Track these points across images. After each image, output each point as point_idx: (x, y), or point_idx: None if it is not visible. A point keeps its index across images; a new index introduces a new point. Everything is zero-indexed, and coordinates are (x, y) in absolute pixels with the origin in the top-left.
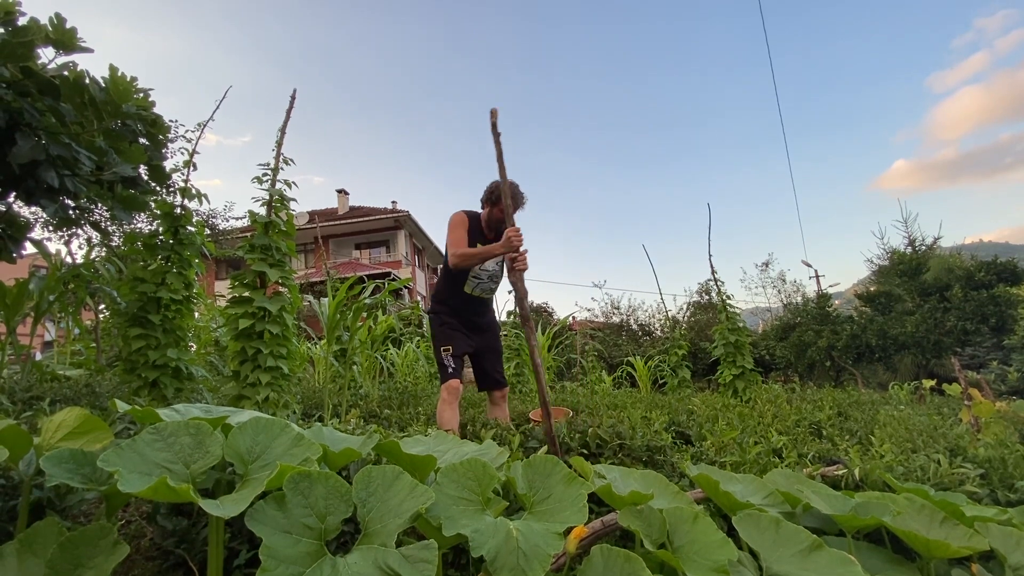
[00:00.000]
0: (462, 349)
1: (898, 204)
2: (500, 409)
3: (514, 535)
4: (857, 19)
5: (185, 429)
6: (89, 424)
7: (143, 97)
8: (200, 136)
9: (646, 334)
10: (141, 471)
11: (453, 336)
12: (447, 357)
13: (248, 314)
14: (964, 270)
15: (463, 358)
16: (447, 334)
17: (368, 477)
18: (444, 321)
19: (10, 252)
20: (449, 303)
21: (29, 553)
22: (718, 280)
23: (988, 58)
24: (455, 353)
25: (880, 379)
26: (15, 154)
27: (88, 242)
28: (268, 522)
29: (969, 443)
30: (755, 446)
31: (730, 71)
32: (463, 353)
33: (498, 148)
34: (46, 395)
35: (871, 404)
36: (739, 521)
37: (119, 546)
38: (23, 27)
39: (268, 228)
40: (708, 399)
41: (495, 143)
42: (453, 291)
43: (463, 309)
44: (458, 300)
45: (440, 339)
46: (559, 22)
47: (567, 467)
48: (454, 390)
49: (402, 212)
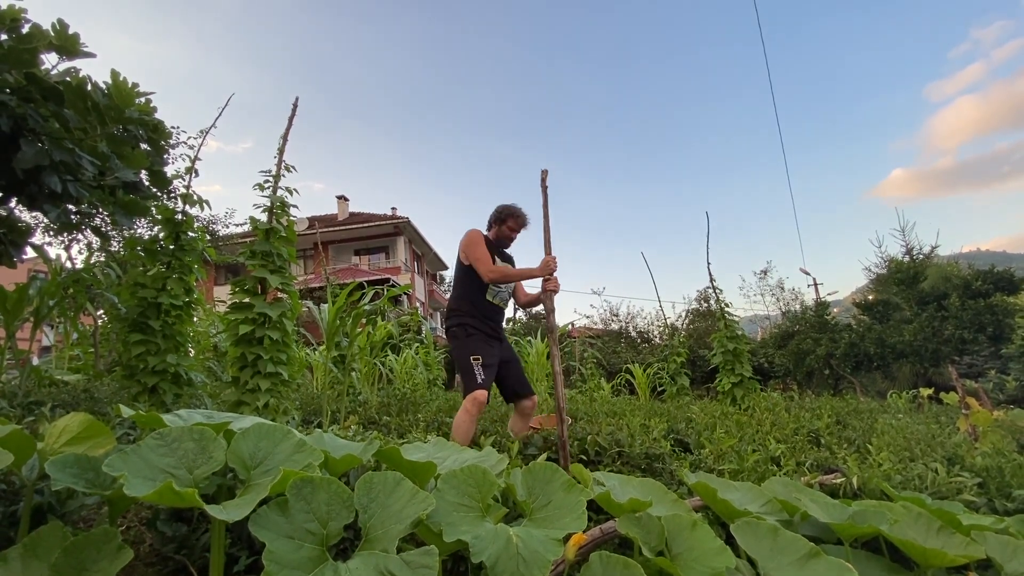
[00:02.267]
0: (491, 360)
1: (896, 213)
2: (525, 421)
3: (514, 541)
4: (855, 31)
5: (189, 434)
6: (93, 429)
7: (145, 102)
8: (202, 143)
9: (645, 341)
10: (145, 476)
11: (482, 346)
12: (477, 367)
13: (248, 320)
14: (961, 279)
15: (493, 368)
16: (477, 344)
17: (370, 483)
18: (471, 332)
19: (11, 257)
20: (474, 314)
21: (33, 557)
22: (717, 288)
23: (985, 68)
24: (485, 363)
25: (878, 387)
26: (19, 159)
27: (88, 247)
28: (271, 527)
29: (967, 452)
30: (753, 454)
31: (729, 83)
32: (492, 364)
33: (544, 200)
34: (46, 400)
35: (869, 412)
36: (737, 529)
37: (123, 550)
38: (27, 33)
39: (269, 234)
40: (707, 407)
41: (543, 198)
42: (478, 300)
43: (487, 319)
44: (482, 310)
45: (469, 348)
46: (560, 32)
47: (566, 474)
48: (481, 403)
49: (402, 218)
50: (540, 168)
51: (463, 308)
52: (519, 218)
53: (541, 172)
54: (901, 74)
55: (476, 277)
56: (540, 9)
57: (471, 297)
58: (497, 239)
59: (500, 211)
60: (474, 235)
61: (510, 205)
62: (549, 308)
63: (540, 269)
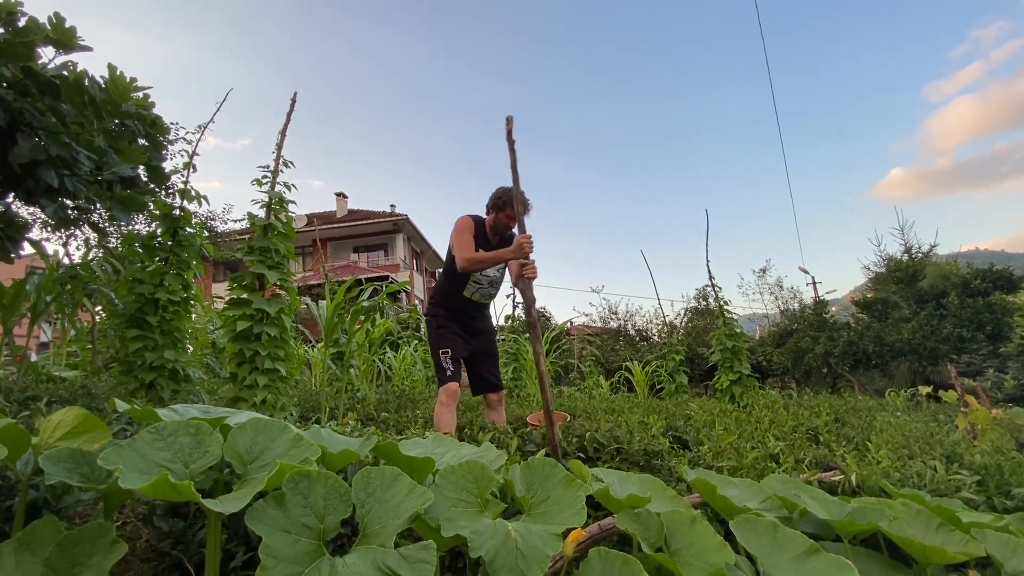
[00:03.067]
0: (460, 353)
1: (895, 212)
2: (497, 412)
3: (513, 536)
4: (854, 31)
5: (185, 429)
6: (88, 424)
7: (143, 97)
8: (200, 138)
9: (644, 339)
10: (141, 470)
11: (452, 339)
12: (446, 360)
13: (246, 316)
14: (960, 277)
15: (461, 361)
16: (446, 337)
17: (367, 478)
18: (442, 324)
19: (8, 252)
20: (447, 306)
21: (27, 552)
22: (716, 286)
23: (984, 68)
24: (454, 356)
25: (877, 386)
26: (16, 154)
27: (86, 243)
28: (268, 521)
29: (965, 450)
30: (752, 451)
31: (729, 81)
32: (460, 357)
33: (512, 156)
34: (42, 396)
35: (868, 410)
36: (736, 525)
37: (117, 544)
38: (24, 27)
39: (267, 230)
40: (705, 404)
41: (510, 151)
42: (452, 294)
43: (461, 313)
44: (456, 304)
45: (439, 342)
46: (560, 33)
47: (565, 470)
48: (452, 393)
49: (400, 216)
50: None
51: (438, 300)
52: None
53: (506, 120)
54: (900, 74)
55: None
56: (541, 5)
57: (450, 289)
58: (494, 226)
59: (498, 196)
60: (463, 222)
61: (509, 190)
62: (529, 299)
63: (513, 251)
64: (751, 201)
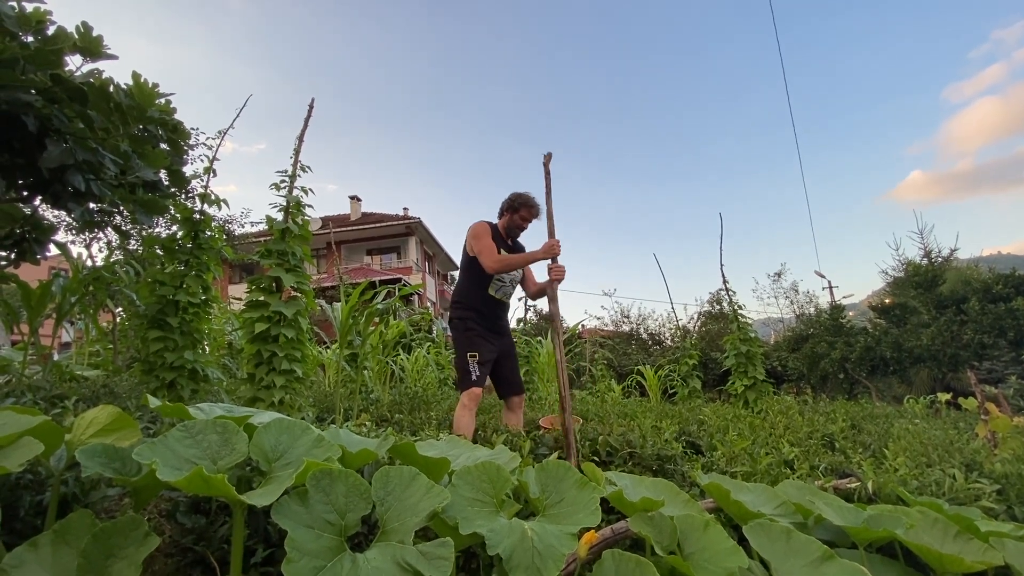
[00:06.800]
0: (488, 356)
1: (913, 215)
2: (516, 415)
3: (529, 535)
4: (873, 31)
5: (213, 427)
6: (120, 422)
7: (165, 103)
8: (220, 143)
9: (656, 343)
10: (173, 465)
11: (480, 343)
12: (473, 364)
13: (264, 318)
14: (981, 283)
15: (488, 365)
16: (474, 340)
17: (387, 477)
18: (470, 327)
19: (35, 254)
20: (475, 308)
21: (63, 543)
22: (730, 290)
23: (1006, 69)
24: (481, 360)
25: (895, 392)
26: (45, 159)
27: (108, 245)
28: (292, 516)
29: (985, 458)
30: (766, 457)
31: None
32: (488, 360)
33: (547, 185)
34: (69, 395)
35: (885, 417)
36: (750, 530)
37: (150, 537)
38: (53, 35)
39: (285, 233)
40: (719, 409)
41: (546, 182)
42: (479, 295)
43: (488, 314)
44: (483, 304)
45: (466, 345)
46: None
47: (579, 472)
48: (476, 397)
49: (413, 219)
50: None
51: (465, 301)
52: (532, 208)
53: (544, 156)
54: (920, 75)
55: (480, 269)
56: (554, 8)
57: (474, 290)
58: (508, 228)
59: (513, 199)
60: (480, 227)
61: (523, 194)
62: (552, 296)
63: (543, 252)
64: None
